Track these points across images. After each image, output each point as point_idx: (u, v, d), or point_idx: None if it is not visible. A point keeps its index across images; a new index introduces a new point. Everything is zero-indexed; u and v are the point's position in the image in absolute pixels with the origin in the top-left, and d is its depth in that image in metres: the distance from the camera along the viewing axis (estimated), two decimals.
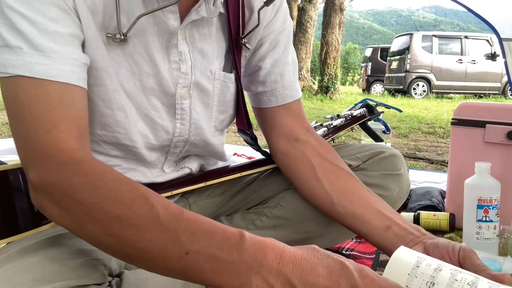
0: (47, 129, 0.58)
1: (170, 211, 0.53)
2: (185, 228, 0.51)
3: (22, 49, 0.57)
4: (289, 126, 0.87)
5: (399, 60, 12.08)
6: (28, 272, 0.54)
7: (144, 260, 0.52)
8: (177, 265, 0.50)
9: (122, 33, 0.67)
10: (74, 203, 0.53)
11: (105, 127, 0.73)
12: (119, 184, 0.55)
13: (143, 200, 0.53)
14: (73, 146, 0.58)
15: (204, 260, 0.50)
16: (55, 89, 0.59)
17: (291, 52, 0.89)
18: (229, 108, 0.87)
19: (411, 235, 0.70)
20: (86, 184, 0.54)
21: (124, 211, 0.52)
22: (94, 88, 0.69)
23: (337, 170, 0.82)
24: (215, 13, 0.75)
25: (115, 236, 0.52)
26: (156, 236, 0.51)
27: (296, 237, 0.89)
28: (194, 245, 0.50)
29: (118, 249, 0.53)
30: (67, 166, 0.56)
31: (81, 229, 0.54)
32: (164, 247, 0.50)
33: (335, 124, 1.30)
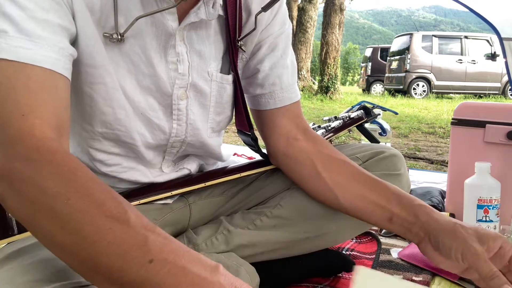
0: (22, 112, 0.53)
1: (142, 220, 0.49)
2: (156, 239, 0.47)
3: (8, 32, 0.55)
4: (287, 128, 0.87)
5: (399, 60, 12.08)
6: (28, 272, 0.54)
7: (99, 266, 0.46)
8: (136, 275, 0.44)
9: (119, 33, 0.67)
10: (36, 191, 0.48)
11: (106, 125, 0.73)
12: (93, 183, 0.51)
13: (115, 203, 0.49)
14: (48, 135, 0.54)
15: (170, 271, 0.44)
16: (38, 73, 0.56)
17: (290, 55, 0.89)
18: (226, 110, 0.87)
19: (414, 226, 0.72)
20: (56, 173, 0.50)
21: (90, 207, 0.47)
22: (94, 86, 0.69)
23: (337, 162, 0.83)
24: (214, 15, 0.75)
25: (72, 233, 0.46)
26: (120, 238, 0.46)
27: (296, 237, 0.89)
28: (161, 254, 0.45)
29: (72, 251, 0.47)
30: (38, 152, 0.51)
31: (37, 223, 0.49)
32: (126, 252, 0.45)
33: (333, 126, 1.31)
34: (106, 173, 0.80)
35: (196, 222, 0.94)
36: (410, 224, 0.72)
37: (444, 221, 0.70)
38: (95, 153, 0.77)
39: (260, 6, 0.81)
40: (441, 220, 0.70)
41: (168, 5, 0.69)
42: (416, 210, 0.72)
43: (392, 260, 1.15)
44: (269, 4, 0.78)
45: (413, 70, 11.54)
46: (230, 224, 0.90)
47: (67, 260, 0.49)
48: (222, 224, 0.90)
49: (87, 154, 0.78)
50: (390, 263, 1.13)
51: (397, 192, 0.76)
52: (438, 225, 0.69)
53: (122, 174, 0.81)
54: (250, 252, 0.89)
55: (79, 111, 0.72)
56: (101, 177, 0.82)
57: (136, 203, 0.82)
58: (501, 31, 1.81)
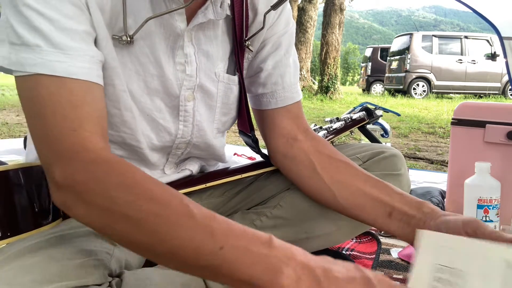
0: (73, 128, 0.57)
1: (203, 211, 0.53)
2: (219, 226, 0.52)
3: (41, 47, 0.56)
4: (288, 128, 0.87)
5: (399, 60, 12.09)
6: (28, 272, 0.54)
7: (177, 258, 0.52)
8: (211, 260, 0.50)
9: (129, 35, 0.67)
10: (107, 201, 0.53)
11: (112, 127, 0.73)
12: (153, 184, 0.55)
13: (178, 200, 0.54)
14: (100, 145, 0.58)
15: (238, 254, 0.50)
16: (78, 87, 0.58)
17: (293, 54, 0.89)
18: (232, 110, 0.87)
19: (413, 219, 0.71)
20: (121, 182, 0.54)
21: (161, 209, 0.52)
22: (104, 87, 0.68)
23: (335, 162, 0.82)
24: (222, 15, 0.75)
25: (149, 234, 0.51)
26: (191, 232, 0.51)
27: (296, 237, 0.89)
28: (228, 240, 0.51)
29: (150, 248, 0.52)
30: (97, 164, 0.55)
31: (111, 228, 0.53)
32: (199, 244, 0.50)
33: (334, 127, 1.31)
34: None
35: None
36: (410, 218, 0.71)
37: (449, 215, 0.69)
38: None
39: (267, 5, 0.81)
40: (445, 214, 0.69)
41: (177, 5, 0.69)
42: (419, 205, 0.72)
43: (392, 260, 1.15)
44: (279, 2, 0.78)
45: (413, 70, 11.54)
46: None
47: (144, 254, 0.55)
48: None
49: None
50: (390, 263, 1.13)
51: (399, 191, 0.76)
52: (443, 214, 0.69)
53: None
54: None
55: None
56: None
57: None
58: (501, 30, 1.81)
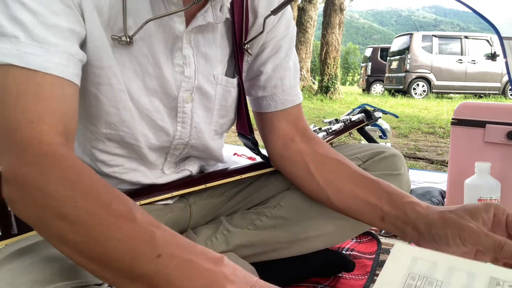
0: (31, 120, 0.55)
1: (148, 219, 0.51)
2: (163, 234, 0.49)
3: (18, 38, 0.55)
4: (286, 130, 0.87)
5: (399, 60, 12.09)
6: (28, 272, 0.54)
7: (110, 263, 0.48)
8: (146, 268, 0.47)
9: (128, 35, 0.67)
10: (44, 196, 0.50)
11: (110, 126, 0.73)
12: (99, 184, 0.53)
13: (121, 202, 0.51)
14: (56, 140, 0.55)
15: (177, 264, 0.47)
16: (47, 81, 0.56)
17: (293, 57, 0.89)
18: (230, 113, 0.87)
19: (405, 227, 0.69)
20: (62, 177, 0.51)
21: (98, 208, 0.50)
22: (100, 86, 0.68)
23: (329, 162, 0.82)
24: (221, 19, 0.75)
25: (83, 233, 0.49)
26: (128, 235, 0.48)
27: (296, 237, 0.89)
28: (168, 248, 0.47)
29: (83, 249, 0.49)
30: (46, 158, 0.53)
31: (46, 226, 0.51)
32: (135, 247, 0.47)
33: (334, 128, 1.31)
34: (107, 173, 0.80)
35: (196, 223, 0.94)
36: (403, 224, 0.69)
37: (431, 213, 0.66)
38: (98, 153, 0.77)
39: (267, 9, 0.81)
40: (427, 213, 0.67)
41: (176, 7, 0.69)
42: (405, 208, 0.69)
43: None
44: (279, 7, 0.78)
45: (413, 70, 11.54)
46: (230, 224, 0.90)
47: (77, 259, 0.51)
48: (222, 224, 0.90)
49: (89, 155, 0.78)
50: None
51: (388, 190, 0.74)
52: (426, 219, 0.66)
53: (124, 175, 0.81)
54: (250, 252, 0.89)
55: (84, 111, 0.72)
56: (102, 178, 0.82)
57: (137, 204, 0.82)
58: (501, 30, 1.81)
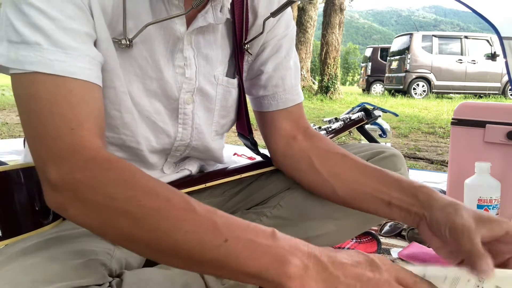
0: (71, 126, 0.56)
1: (204, 206, 0.53)
2: (221, 220, 0.52)
3: (41, 45, 0.56)
4: (288, 129, 0.87)
5: (399, 60, 12.09)
6: (29, 273, 0.54)
7: (181, 253, 0.51)
8: (216, 254, 0.50)
9: (128, 38, 0.67)
10: (106, 199, 0.52)
11: (112, 129, 0.73)
12: (152, 181, 0.55)
13: (178, 195, 0.54)
14: (98, 144, 0.58)
15: (243, 246, 0.50)
16: (77, 87, 0.57)
17: (293, 56, 0.89)
18: (230, 113, 0.87)
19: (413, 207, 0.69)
20: (119, 179, 0.53)
21: (161, 204, 0.52)
22: (104, 90, 0.68)
23: (333, 156, 0.82)
24: (222, 19, 0.75)
25: (151, 229, 0.51)
26: (194, 226, 0.51)
27: (296, 237, 0.89)
28: (232, 232, 0.51)
29: (152, 245, 0.52)
30: (96, 162, 0.55)
31: (111, 226, 0.53)
32: (203, 237, 0.50)
33: (333, 127, 1.31)
34: None
35: None
36: (409, 205, 0.69)
37: (444, 199, 0.66)
38: None
39: (267, 9, 0.81)
40: (441, 198, 0.67)
41: (177, 9, 0.69)
42: (415, 191, 0.70)
43: (392, 260, 1.15)
44: (279, 10, 0.78)
45: (413, 70, 11.54)
46: None
47: (146, 253, 0.54)
48: None
49: None
50: None
51: (397, 177, 0.74)
52: (436, 203, 0.66)
53: None
54: None
55: None
56: None
57: None
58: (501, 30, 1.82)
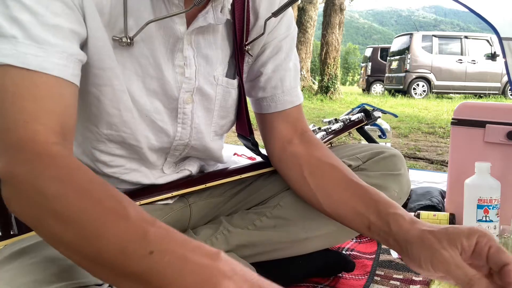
0: (26, 120, 0.54)
1: (143, 216, 0.50)
2: (156, 232, 0.48)
3: (17, 38, 0.55)
4: (285, 132, 0.87)
5: (399, 60, 12.08)
6: (29, 273, 0.54)
7: (103, 261, 0.48)
8: (138, 266, 0.46)
9: (129, 37, 0.67)
10: (38, 195, 0.50)
11: (111, 127, 0.73)
12: (91, 182, 0.53)
13: (114, 199, 0.51)
14: (51, 140, 0.55)
15: (170, 260, 0.45)
16: (45, 81, 0.56)
17: (293, 58, 0.89)
18: (230, 114, 0.87)
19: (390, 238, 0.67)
20: (55, 177, 0.51)
21: (90, 205, 0.49)
22: (102, 88, 0.68)
23: (322, 166, 0.81)
24: (222, 20, 0.75)
25: (76, 232, 0.48)
26: (120, 232, 0.48)
27: (296, 237, 0.89)
28: (161, 245, 0.46)
29: (76, 248, 0.49)
30: (40, 158, 0.53)
31: (40, 224, 0.51)
32: (127, 246, 0.47)
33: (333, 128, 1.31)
34: (108, 174, 0.80)
35: (196, 222, 0.94)
36: (386, 235, 0.67)
37: (412, 230, 0.63)
38: (98, 154, 0.77)
39: (268, 10, 0.81)
40: (409, 229, 0.64)
41: (178, 8, 0.69)
42: (389, 220, 0.67)
43: (392, 260, 1.15)
44: (280, 10, 0.78)
45: (413, 70, 11.53)
46: (230, 224, 0.90)
47: (72, 257, 0.51)
48: (222, 224, 0.90)
49: (90, 155, 0.78)
50: (390, 263, 1.13)
51: (376, 198, 0.72)
52: (406, 235, 0.64)
53: (124, 176, 0.81)
54: (250, 252, 0.89)
55: (85, 112, 0.72)
56: (102, 178, 0.82)
57: (137, 204, 0.82)
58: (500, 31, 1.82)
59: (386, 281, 1.02)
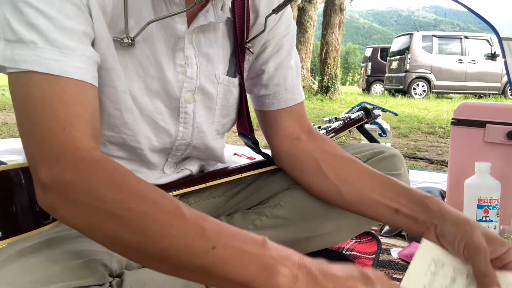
0: (63, 126, 0.55)
1: (193, 212, 0.53)
2: (210, 226, 0.51)
3: (37, 44, 0.55)
4: (291, 129, 0.87)
5: (399, 60, 12.09)
6: (29, 273, 0.54)
7: (167, 258, 0.50)
8: (203, 260, 0.49)
9: (130, 37, 0.67)
10: (94, 200, 0.52)
11: (112, 128, 0.73)
12: (142, 184, 0.54)
13: (167, 199, 0.53)
14: (90, 145, 0.57)
15: (231, 253, 0.49)
16: (71, 87, 0.57)
17: (294, 56, 0.89)
18: (231, 112, 0.87)
19: (420, 216, 0.72)
20: (109, 181, 0.53)
21: (149, 207, 0.51)
22: (104, 88, 0.68)
23: (340, 159, 0.83)
24: (223, 18, 0.75)
25: (138, 233, 0.50)
26: (182, 231, 0.50)
27: (296, 237, 0.89)
28: (220, 239, 0.50)
29: (139, 249, 0.51)
30: (86, 163, 0.54)
31: (98, 228, 0.52)
32: (190, 242, 0.50)
33: (333, 126, 1.31)
34: None
35: None
36: (417, 214, 0.72)
37: (456, 213, 0.70)
38: None
39: (268, 8, 0.81)
40: (453, 211, 0.70)
41: (178, 7, 0.69)
42: (425, 200, 0.72)
43: (392, 260, 1.15)
44: (281, 6, 0.78)
45: (413, 70, 11.54)
46: (230, 224, 0.89)
47: (133, 257, 0.53)
48: None
49: None
50: (390, 263, 1.13)
51: (406, 186, 0.77)
52: (449, 215, 0.69)
53: None
54: None
55: None
56: None
57: None
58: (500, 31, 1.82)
59: None
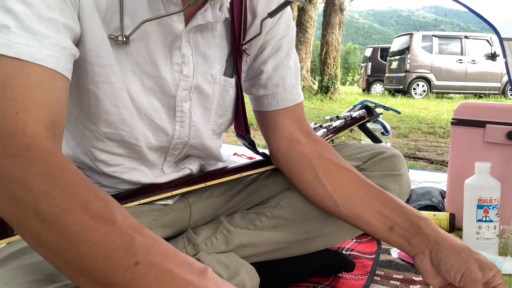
0: (16, 110, 0.52)
1: (131, 222, 0.47)
2: (143, 241, 0.45)
3: (10, 28, 0.54)
4: (290, 130, 0.87)
5: (399, 60, 12.08)
6: (28, 273, 0.54)
7: (85, 269, 0.45)
8: (121, 277, 0.43)
9: (125, 35, 0.67)
10: (22, 190, 0.47)
11: (110, 125, 0.73)
12: (81, 182, 0.50)
13: (102, 203, 0.48)
14: (41, 133, 0.53)
15: (156, 274, 0.43)
16: (37, 72, 0.55)
17: (294, 56, 0.89)
18: (227, 113, 0.87)
19: (415, 239, 0.71)
20: (43, 172, 0.48)
21: (76, 207, 0.46)
22: (100, 85, 0.68)
23: (338, 168, 0.82)
24: (221, 18, 0.75)
25: (57, 233, 0.45)
26: (105, 239, 0.45)
27: (296, 237, 0.89)
28: (148, 256, 0.44)
29: (60, 252, 0.46)
30: (28, 150, 0.50)
31: (22, 222, 0.48)
32: (111, 254, 0.44)
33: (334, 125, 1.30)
34: (107, 173, 0.80)
35: (196, 223, 0.94)
36: (411, 235, 0.72)
37: (452, 240, 0.69)
38: (97, 153, 0.77)
39: (266, 9, 0.81)
40: (449, 238, 0.70)
41: (175, 6, 0.69)
42: (420, 223, 0.72)
43: (392, 260, 1.15)
44: (276, 11, 0.78)
45: (413, 70, 11.53)
46: (230, 224, 0.90)
47: (52, 261, 0.48)
48: (222, 224, 0.90)
49: (89, 154, 0.78)
50: (390, 263, 1.13)
51: (400, 204, 0.76)
52: (445, 242, 0.69)
53: (124, 175, 0.81)
54: (250, 252, 0.89)
55: (83, 111, 0.72)
56: (102, 177, 0.82)
57: (137, 203, 0.82)
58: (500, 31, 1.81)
59: (386, 281, 1.02)
